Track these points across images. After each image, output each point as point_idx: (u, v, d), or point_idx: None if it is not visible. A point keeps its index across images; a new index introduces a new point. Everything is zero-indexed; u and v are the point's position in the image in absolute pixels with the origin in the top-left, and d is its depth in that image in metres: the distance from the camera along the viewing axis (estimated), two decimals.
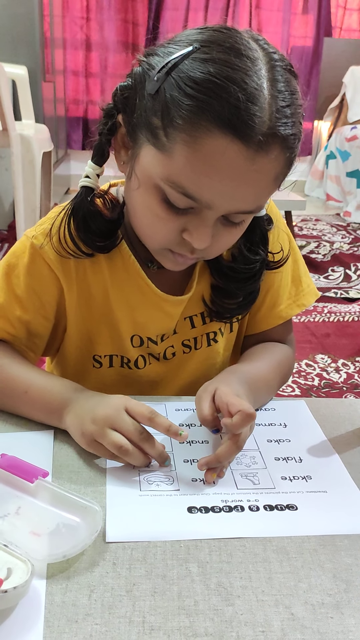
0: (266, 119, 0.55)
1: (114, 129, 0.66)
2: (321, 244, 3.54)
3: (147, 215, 0.64)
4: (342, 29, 5.06)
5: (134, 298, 0.77)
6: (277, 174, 0.60)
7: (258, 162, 0.57)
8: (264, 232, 0.76)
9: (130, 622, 0.45)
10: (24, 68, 3.11)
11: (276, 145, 0.57)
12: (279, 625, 0.45)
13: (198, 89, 0.54)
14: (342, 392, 1.86)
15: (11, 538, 0.50)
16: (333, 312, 2.51)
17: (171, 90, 0.56)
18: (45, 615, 0.45)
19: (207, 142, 0.55)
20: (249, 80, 0.54)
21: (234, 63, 0.55)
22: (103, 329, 0.79)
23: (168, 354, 0.82)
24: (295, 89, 0.59)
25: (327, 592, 0.49)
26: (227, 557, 0.51)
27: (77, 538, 0.51)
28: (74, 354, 0.82)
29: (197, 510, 0.57)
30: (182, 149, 0.57)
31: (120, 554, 0.51)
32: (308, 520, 0.56)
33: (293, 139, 0.58)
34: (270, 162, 0.58)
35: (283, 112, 0.56)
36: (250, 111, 0.54)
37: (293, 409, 0.76)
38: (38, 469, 0.58)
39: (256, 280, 0.77)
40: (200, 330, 0.81)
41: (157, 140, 0.59)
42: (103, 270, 0.75)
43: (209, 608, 0.46)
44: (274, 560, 0.51)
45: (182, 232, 0.63)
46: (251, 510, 0.57)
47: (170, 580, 0.49)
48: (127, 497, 0.58)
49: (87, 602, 0.46)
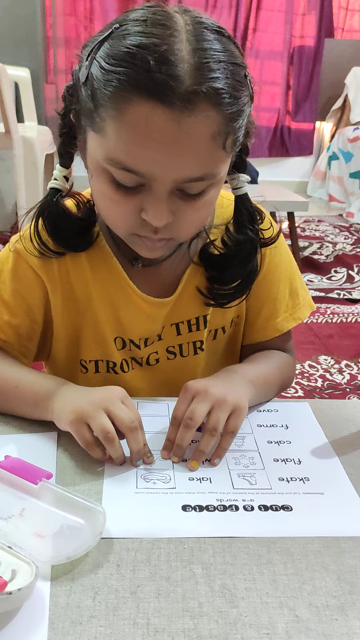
0: (186, 78, 0.54)
1: (72, 130, 0.66)
2: (324, 245, 3.53)
3: (104, 201, 0.64)
4: (344, 30, 5.05)
5: (116, 298, 0.77)
6: (214, 133, 0.57)
7: (185, 123, 0.55)
8: (250, 211, 0.74)
9: (134, 624, 0.45)
10: (26, 70, 3.12)
11: (203, 103, 0.55)
12: (284, 627, 0.45)
13: (115, 63, 0.55)
14: (345, 393, 1.86)
15: (15, 540, 0.50)
16: (336, 313, 2.51)
17: (96, 72, 0.57)
18: (49, 617, 0.45)
19: (131, 112, 0.55)
20: (163, 45, 0.54)
21: (148, 32, 0.55)
22: (88, 331, 0.79)
23: (151, 360, 0.82)
24: (228, 49, 0.58)
25: (332, 594, 0.48)
26: (231, 558, 0.51)
27: (81, 540, 0.51)
28: (63, 359, 0.83)
29: (192, 509, 0.57)
30: (111, 124, 0.57)
31: (124, 555, 0.51)
32: (302, 521, 0.56)
33: (224, 93, 0.56)
34: (200, 120, 0.55)
35: (206, 67, 0.55)
36: (164, 72, 0.53)
37: (296, 411, 0.76)
38: (42, 470, 0.58)
39: (250, 261, 0.75)
40: (187, 338, 0.81)
41: (93, 124, 0.59)
42: (85, 271, 0.76)
43: (213, 610, 0.46)
44: (278, 562, 0.51)
45: (140, 212, 0.62)
46: (245, 509, 0.57)
47: (175, 582, 0.49)
48: (123, 494, 0.59)
49: (91, 604, 0.46)
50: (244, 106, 0.60)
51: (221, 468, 0.64)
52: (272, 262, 0.80)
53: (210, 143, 0.58)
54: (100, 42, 0.58)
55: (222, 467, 0.64)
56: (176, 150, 0.57)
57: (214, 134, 0.57)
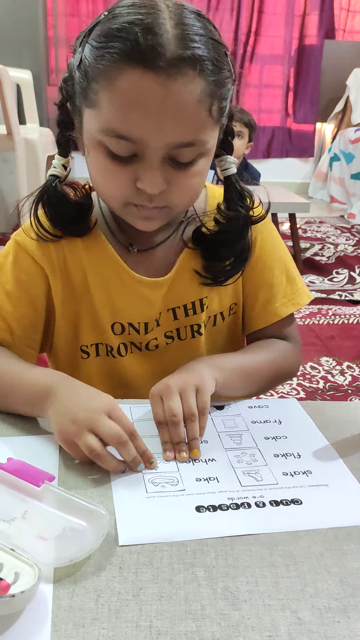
0: (171, 46, 0.59)
1: (70, 120, 0.71)
2: (325, 246, 3.53)
3: (100, 173, 0.68)
4: (345, 31, 5.06)
5: (112, 283, 0.79)
6: (199, 97, 0.61)
7: (172, 87, 0.59)
8: (238, 190, 0.77)
9: (137, 626, 0.45)
10: (28, 72, 3.12)
11: (187, 68, 0.59)
12: (286, 629, 0.45)
13: (104, 40, 0.61)
14: (347, 395, 1.86)
15: (18, 542, 0.50)
16: (337, 315, 2.51)
17: (87, 53, 0.62)
18: (52, 619, 0.45)
19: (122, 80, 0.60)
20: (147, 19, 0.59)
21: (134, 12, 0.60)
22: (86, 316, 0.82)
23: (151, 346, 0.84)
24: (207, 28, 0.63)
25: (334, 596, 0.48)
26: (233, 561, 0.51)
27: (84, 542, 0.51)
28: (64, 347, 0.84)
29: (205, 509, 0.57)
30: (105, 95, 0.62)
31: (127, 558, 0.51)
32: (314, 514, 0.57)
33: (206, 60, 0.60)
34: (185, 84, 0.60)
35: (188, 37, 0.60)
36: (150, 41, 0.58)
37: (285, 406, 0.78)
38: (44, 472, 0.58)
39: (243, 238, 0.78)
40: (184, 322, 0.83)
41: (88, 100, 0.64)
42: (81, 258, 0.79)
43: (215, 612, 0.46)
44: (281, 564, 0.51)
45: (135, 182, 0.65)
46: (257, 506, 0.58)
47: (177, 584, 0.49)
48: (134, 500, 0.58)
49: (94, 607, 0.46)
50: (227, 80, 0.65)
51: (225, 467, 0.64)
52: (264, 248, 0.83)
53: (196, 107, 0.62)
54: (91, 29, 0.64)
55: (226, 466, 0.64)
56: (165, 113, 0.61)
57: (199, 98, 0.62)
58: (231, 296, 0.84)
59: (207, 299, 0.82)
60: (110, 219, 0.80)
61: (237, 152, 3.37)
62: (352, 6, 4.98)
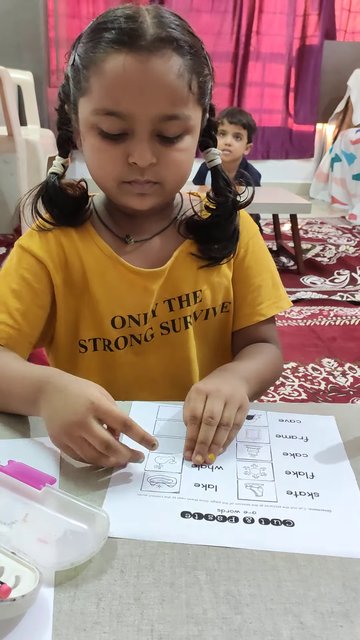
0: (150, 29, 0.67)
1: (68, 120, 0.78)
2: (327, 247, 3.53)
3: (94, 155, 0.74)
4: (346, 32, 5.06)
5: (109, 276, 0.83)
6: (177, 72, 0.69)
7: (152, 63, 0.67)
8: (224, 177, 0.84)
9: (138, 630, 0.45)
10: (29, 73, 3.12)
11: (166, 47, 0.68)
12: (288, 634, 0.45)
13: (91, 35, 0.70)
14: (349, 396, 1.85)
15: (19, 545, 0.49)
16: (339, 316, 2.51)
17: (79, 50, 0.71)
18: (53, 623, 0.45)
19: (108, 62, 0.68)
20: (129, 12, 0.69)
21: (117, 11, 0.70)
22: (85, 312, 0.85)
23: (147, 336, 0.86)
24: (183, 25, 0.71)
25: (337, 600, 0.48)
26: (235, 564, 0.51)
27: (85, 545, 0.51)
28: (63, 341, 0.87)
29: (190, 516, 0.56)
30: (95, 80, 0.69)
31: (128, 561, 0.51)
32: (302, 538, 0.54)
33: (182, 41, 0.69)
34: (164, 61, 0.68)
35: (166, 23, 0.69)
36: (132, 26, 0.67)
37: (319, 424, 0.74)
38: (45, 475, 0.58)
39: (233, 220, 0.85)
40: (178, 314, 0.86)
41: (81, 90, 0.72)
42: (80, 254, 0.83)
43: (217, 616, 0.46)
44: (283, 568, 0.51)
45: (127, 158, 0.71)
46: (245, 522, 0.56)
47: (179, 588, 0.49)
48: (125, 495, 0.59)
49: (95, 611, 0.46)
50: (204, 66, 0.72)
51: (229, 477, 0.63)
52: (254, 253, 0.89)
53: (176, 81, 0.69)
54: (83, 33, 0.72)
55: (231, 476, 0.63)
56: (148, 87, 0.68)
57: (178, 74, 0.69)
58: (224, 295, 0.89)
59: (201, 292, 0.86)
60: (105, 215, 0.85)
61: (236, 153, 3.40)
62: (353, 7, 4.98)
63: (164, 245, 0.84)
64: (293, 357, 2.10)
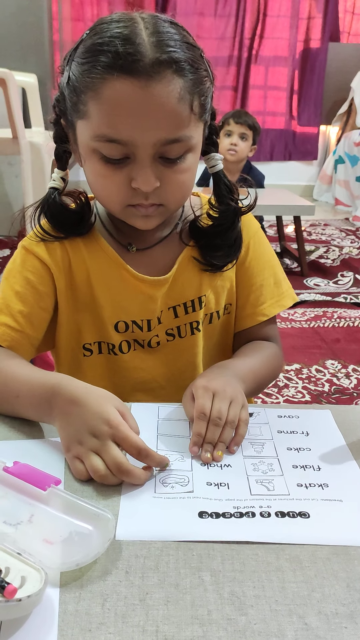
0: (148, 52, 0.64)
1: (65, 135, 0.77)
2: (330, 249, 3.53)
3: (98, 180, 0.73)
4: (350, 34, 5.06)
5: (114, 282, 0.83)
6: (179, 96, 0.66)
7: (152, 88, 0.64)
8: (227, 184, 0.82)
9: (143, 631, 0.45)
10: (33, 76, 3.14)
11: (166, 70, 0.65)
12: (293, 635, 0.45)
13: (87, 56, 0.66)
14: (352, 398, 1.85)
15: (24, 546, 0.50)
16: (343, 317, 2.50)
17: (74, 69, 0.68)
18: (58, 624, 0.45)
19: (106, 89, 0.65)
20: (125, 31, 0.65)
21: (113, 27, 0.66)
22: (88, 315, 0.84)
23: (153, 343, 0.86)
24: (181, 34, 0.68)
25: (341, 601, 0.48)
26: (240, 565, 0.51)
27: (90, 546, 0.51)
28: (65, 345, 0.87)
29: (208, 516, 0.57)
30: (93, 105, 0.67)
31: (133, 562, 0.51)
32: (320, 529, 0.56)
33: (182, 61, 0.65)
34: (165, 85, 0.65)
35: (164, 43, 0.65)
36: (129, 50, 0.64)
37: (316, 418, 0.75)
38: (50, 476, 0.58)
39: (235, 228, 0.83)
40: (184, 320, 0.86)
41: (79, 112, 0.69)
42: (84, 259, 0.82)
43: (222, 617, 0.46)
44: (287, 569, 0.51)
45: (130, 182, 0.70)
46: (262, 516, 0.57)
47: (183, 589, 0.49)
48: (140, 498, 0.59)
49: (100, 611, 0.46)
50: (204, 79, 0.69)
51: (239, 474, 0.64)
52: (255, 253, 0.88)
53: (177, 105, 0.66)
54: (75, 48, 0.69)
55: (240, 473, 0.64)
56: (149, 113, 0.65)
57: (179, 97, 0.66)
58: (227, 297, 0.88)
59: (205, 297, 0.86)
60: (108, 222, 0.84)
61: (241, 153, 3.39)
62: (357, 9, 4.98)
63: (166, 253, 0.84)
64: (297, 359, 2.10)
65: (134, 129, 0.66)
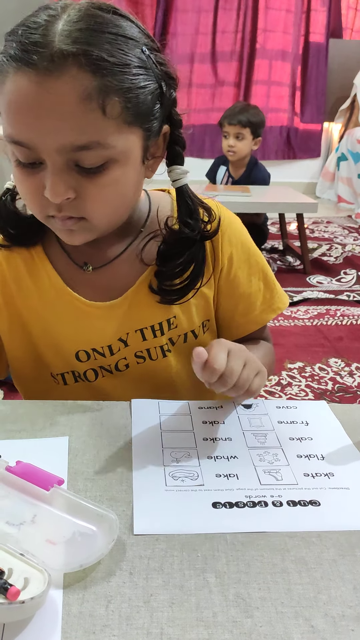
0: (54, 43, 0.56)
1: None
2: (333, 247, 3.52)
3: (17, 184, 0.66)
4: (353, 30, 5.04)
5: (63, 311, 0.77)
6: (83, 95, 0.56)
7: (48, 84, 0.56)
8: (188, 204, 0.72)
9: (148, 633, 0.44)
10: None
11: (69, 64, 0.56)
12: (299, 637, 0.44)
13: (5, 42, 0.59)
14: (356, 397, 1.85)
15: (27, 547, 0.49)
16: (346, 315, 2.50)
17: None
18: (62, 626, 0.45)
19: (7, 83, 0.58)
20: (47, 19, 0.57)
21: (38, 14, 0.59)
22: (46, 348, 0.80)
23: (120, 366, 0.80)
24: (118, 25, 0.59)
25: (348, 604, 0.48)
26: (245, 567, 0.51)
27: (94, 547, 0.50)
28: (31, 375, 0.83)
29: (222, 506, 0.57)
30: (1, 100, 0.60)
31: (137, 563, 0.51)
32: (332, 516, 0.57)
33: (95, 55, 0.56)
34: (65, 82, 0.56)
35: (81, 33, 0.56)
36: (31, 39, 0.56)
37: (314, 409, 0.77)
38: (53, 476, 0.58)
39: (191, 256, 0.73)
40: (153, 343, 0.79)
41: None
42: (32, 294, 0.77)
43: (227, 620, 0.46)
44: (293, 570, 0.51)
45: (43, 191, 0.62)
46: (275, 505, 0.58)
47: (188, 591, 0.48)
48: (153, 492, 0.59)
49: (104, 613, 0.46)
50: (137, 79, 0.60)
51: (246, 465, 0.64)
52: (240, 260, 0.80)
53: (79, 105, 0.57)
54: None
55: (247, 464, 0.64)
56: (44, 113, 0.57)
57: (83, 97, 0.57)
58: (203, 314, 0.81)
59: (175, 319, 0.78)
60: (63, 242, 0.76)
61: (240, 152, 3.37)
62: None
63: (126, 271, 0.76)
64: (300, 357, 2.09)
65: (32, 131, 0.58)
